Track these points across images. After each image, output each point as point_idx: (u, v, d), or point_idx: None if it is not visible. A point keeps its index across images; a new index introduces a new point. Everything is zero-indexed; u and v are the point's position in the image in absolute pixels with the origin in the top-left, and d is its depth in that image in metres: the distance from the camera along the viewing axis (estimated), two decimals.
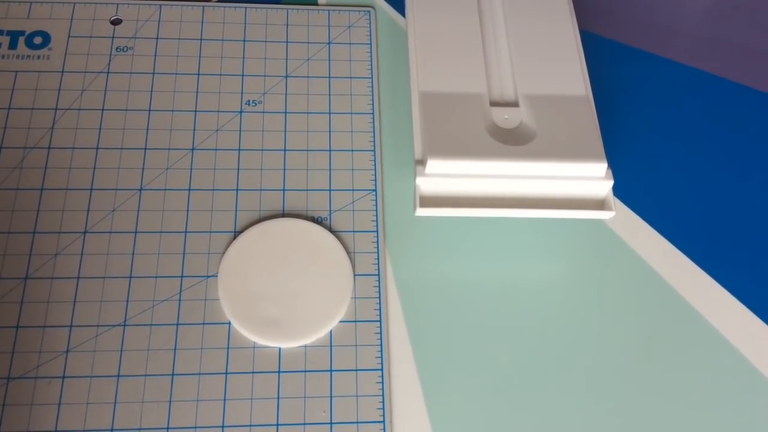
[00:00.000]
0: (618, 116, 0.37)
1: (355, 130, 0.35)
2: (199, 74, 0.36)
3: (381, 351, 0.30)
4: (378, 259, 0.32)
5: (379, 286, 0.32)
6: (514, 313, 0.32)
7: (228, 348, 0.30)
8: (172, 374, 0.29)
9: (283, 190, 0.33)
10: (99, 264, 0.31)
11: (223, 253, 0.31)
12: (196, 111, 0.35)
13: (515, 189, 0.32)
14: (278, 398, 0.29)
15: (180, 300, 0.31)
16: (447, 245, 0.33)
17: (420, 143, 0.32)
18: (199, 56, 0.36)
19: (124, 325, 0.30)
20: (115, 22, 0.37)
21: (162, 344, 0.30)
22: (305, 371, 0.30)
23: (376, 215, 0.33)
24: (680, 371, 0.31)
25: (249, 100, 0.35)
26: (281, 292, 0.31)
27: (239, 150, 0.34)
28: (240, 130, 0.34)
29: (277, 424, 0.29)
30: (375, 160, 0.34)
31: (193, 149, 0.34)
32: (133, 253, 0.31)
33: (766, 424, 0.30)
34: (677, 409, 0.30)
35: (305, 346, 0.30)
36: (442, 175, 0.31)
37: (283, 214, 0.33)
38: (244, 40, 0.37)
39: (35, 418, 0.28)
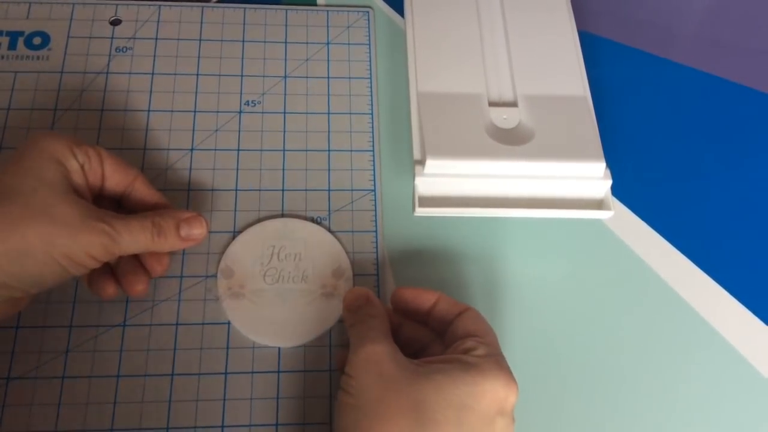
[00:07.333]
0: (617, 116, 0.37)
1: (354, 130, 0.35)
2: (198, 75, 0.36)
3: None
4: (377, 259, 0.32)
5: (378, 286, 0.32)
6: (513, 313, 0.32)
7: (227, 348, 0.30)
8: (172, 374, 0.29)
9: (283, 190, 0.33)
10: None
11: (223, 253, 0.32)
12: (195, 111, 0.35)
13: (514, 189, 0.32)
14: (278, 398, 0.29)
15: (180, 300, 0.31)
16: (446, 245, 0.33)
17: (419, 143, 0.32)
18: (198, 57, 0.36)
19: (124, 326, 0.30)
20: (115, 23, 0.37)
21: (162, 344, 0.30)
22: (304, 371, 0.30)
23: (376, 215, 0.33)
24: (679, 370, 0.31)
25: (248, 101, 0.35)
26: (281, 292, 0.31)
27: (238, 150, 0.34)
28: (239, 131, 0.35)
29: (277, 424, 0.29)
30: (374, 160, 0.35)
31: (192, 149, 0.34)
32: None
33: (765, 423, 0.30)
34: (676, 407, 0.30)
35: (305, 346, 0.30)
36: (441, 175, 0.31)
37: (283, 215, 0.33)
38: (243, 41, 0.37)
39: (35, 418, 0.28)
